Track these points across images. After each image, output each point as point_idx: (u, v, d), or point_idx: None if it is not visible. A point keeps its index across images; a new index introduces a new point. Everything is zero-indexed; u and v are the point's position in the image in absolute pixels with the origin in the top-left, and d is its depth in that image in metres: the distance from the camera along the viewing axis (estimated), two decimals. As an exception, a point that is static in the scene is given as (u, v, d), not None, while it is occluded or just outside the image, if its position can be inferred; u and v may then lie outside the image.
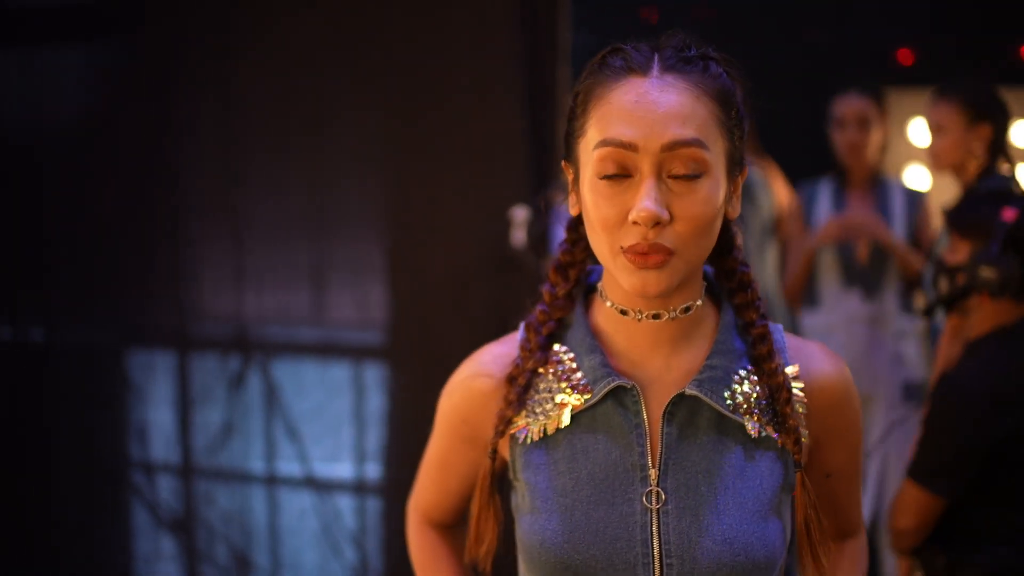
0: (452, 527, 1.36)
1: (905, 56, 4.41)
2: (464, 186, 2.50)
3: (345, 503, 2.75)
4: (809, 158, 3.68)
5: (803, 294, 3.40)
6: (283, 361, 2.81)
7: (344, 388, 2.75)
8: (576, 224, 1.22)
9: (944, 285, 2.10)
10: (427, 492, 1.33)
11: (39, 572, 2.91)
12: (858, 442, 1.23)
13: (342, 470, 2.75)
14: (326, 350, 2.79)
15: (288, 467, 2.78)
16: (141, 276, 2.85)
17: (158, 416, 2.85)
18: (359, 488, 2.75)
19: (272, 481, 2.80)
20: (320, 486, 2.75)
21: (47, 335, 2.94)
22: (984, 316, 2.06)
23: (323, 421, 2.77)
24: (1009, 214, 2.00)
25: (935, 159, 2.92)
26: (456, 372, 1.26)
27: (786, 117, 3.94)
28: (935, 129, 2.87)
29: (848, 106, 3.31)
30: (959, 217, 2.13)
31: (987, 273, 1.97)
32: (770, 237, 3.56)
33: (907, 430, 2.87)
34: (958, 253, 2.08)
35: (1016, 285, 1.97)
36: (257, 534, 2.82)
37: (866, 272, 3.29)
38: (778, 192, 3.56)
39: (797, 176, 3.65)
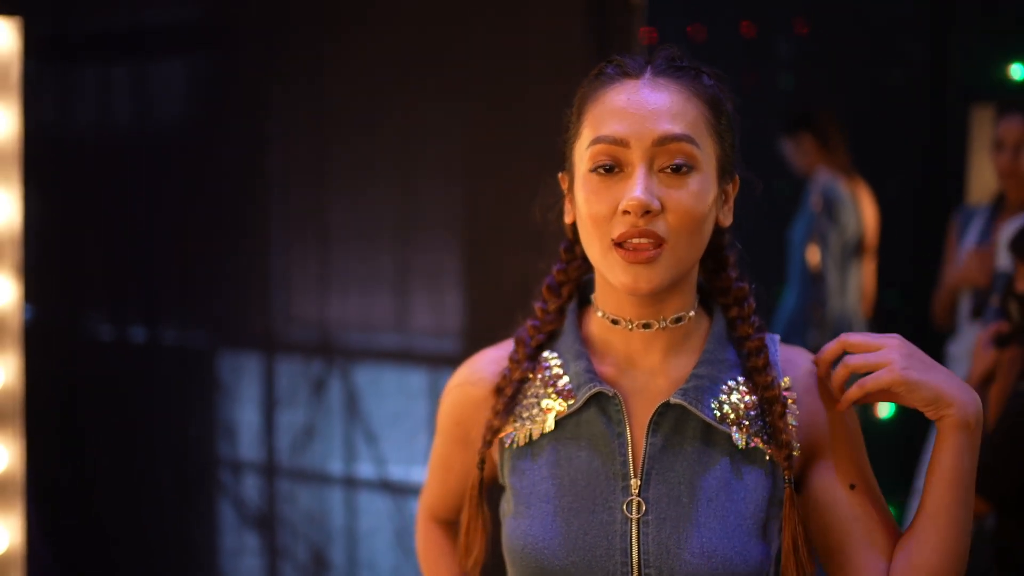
0: (456, 523, 1.38)
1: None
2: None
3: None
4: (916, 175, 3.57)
5: (948, 323, 3.22)
6: (364, 366, 2.89)
7: (421, 395, 2.81)
8: (571, 245, 1.25)
9: (1016, 314, 2.03)
10: (431, 490, 1.37)
11: (133, 560, 3.06)
12: (861, 448, 1.16)
13: (417, 475, 2.80)
14: (405, 357, 2.85)
15: (365, 470, 2.85)
16: (233, 280, 2.97)
17: (245, 416, 2.97)
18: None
19: (350, 483, 2.88)
20: (395, 490, 2.82)
21: (147, 335, 3.09)
22: None
23: (400, 427, 2.83)
24: None
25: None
26: (453, 375, 1.29)
27: (881, 133, 3.85)
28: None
29: (1006, 128, 3.02)
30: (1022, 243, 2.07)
31: None
32: (854, 256, 3.46)
33: None
34: None
35: None
36: (335, 534, 2.90)
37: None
38: (865, 211, 3.47)
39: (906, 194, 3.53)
